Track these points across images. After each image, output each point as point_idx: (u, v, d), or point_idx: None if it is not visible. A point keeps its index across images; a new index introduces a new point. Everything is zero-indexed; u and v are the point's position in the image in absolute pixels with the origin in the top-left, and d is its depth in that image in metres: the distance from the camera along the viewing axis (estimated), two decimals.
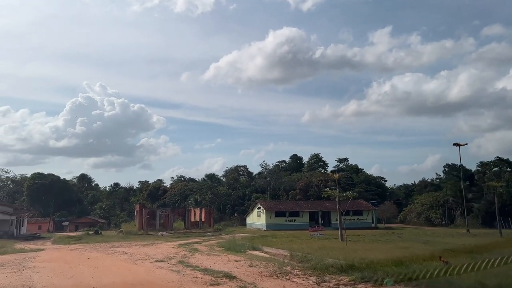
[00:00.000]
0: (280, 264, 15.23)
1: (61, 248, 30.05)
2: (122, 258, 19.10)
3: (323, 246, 21.05)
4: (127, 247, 26.97)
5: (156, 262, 16.89)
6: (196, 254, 20.45)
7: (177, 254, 20.21)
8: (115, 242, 36.26)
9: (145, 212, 54.58)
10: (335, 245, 21.97)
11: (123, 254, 21.62)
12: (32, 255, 23.65)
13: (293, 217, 58.26)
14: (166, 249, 24.59)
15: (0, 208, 51.68)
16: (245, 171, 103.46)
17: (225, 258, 18.18)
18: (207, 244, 29.08)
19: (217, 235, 46.35)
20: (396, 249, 19.82)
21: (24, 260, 20.04)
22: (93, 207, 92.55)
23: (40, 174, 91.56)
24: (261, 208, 58.45)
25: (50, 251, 27.26)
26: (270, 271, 13.67)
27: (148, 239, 40.16)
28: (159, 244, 29.59)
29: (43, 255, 23.43)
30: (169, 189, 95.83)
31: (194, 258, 18.06)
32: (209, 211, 58.44)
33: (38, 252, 26.50)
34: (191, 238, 39.40)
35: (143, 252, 22.37)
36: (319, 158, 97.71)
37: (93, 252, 23.92)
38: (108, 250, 24.60)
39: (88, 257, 20.31)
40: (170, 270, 14.25)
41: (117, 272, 14.13)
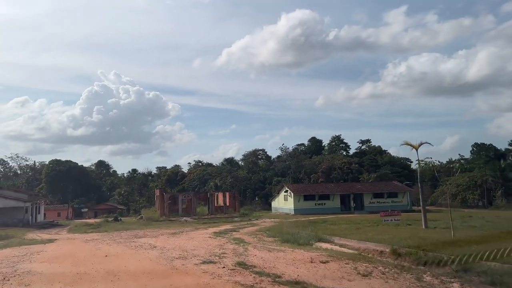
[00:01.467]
0: (387, 266, 9.53)
1: (75, 239, 24.65)
2: (151, 256, 13.43)
3: (414, 236, 15.07)
4: (153, 237, 21.36)
5: (204, 264, 11.20)
6: (248, 248, 14.73)
7: (223, 249, 14.52)
8: (137, 230, 30.82)
9: (167, 197, 49.23)
10: (428, 234, 15.94)
11: (150, 248, 15.98)
12: (38, 248, 18.25)
13: (323, 200, 52.37)
14: (202, 239, 18.94)
15: (13, 194, 46.68)
16: (264, 154, 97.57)
17: (296, 254, 12.47)
18: (247, 232, 23.39)
19: (247, 220, 40.76)
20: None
21: (22, 258, 14.61)
22: (112, 193, 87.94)
23: (58, 161, 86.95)
24: (288, 192, 52.68)
25: (62, 243, 21.82)
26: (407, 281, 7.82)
27: (173, 226, 34.70)
28: (190, 233, 24.01)
29: (51, 249, 17.96)
30: (188, 174, 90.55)
31: (253, 256, 12.33)
32: (233, 195, 52.90)
33: (47, 244, 21.10)
34: (221, 225, 33.81)
35: (176, 245, 16.71)
36: (340, 140, 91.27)
37: (113, 245, 18.35)
38: (130, 242, 19.01)
39: (105, 253, 14.72)
40: (240, 285, 8.34)
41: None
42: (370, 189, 53.73)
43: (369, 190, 53.41)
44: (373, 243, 13.26)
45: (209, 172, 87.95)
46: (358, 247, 13.56)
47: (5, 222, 43.74)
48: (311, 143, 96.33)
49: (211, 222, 38.62)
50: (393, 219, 19.27)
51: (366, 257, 11.85)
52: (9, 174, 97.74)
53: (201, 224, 36.58)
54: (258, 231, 23.31)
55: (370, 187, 54.38)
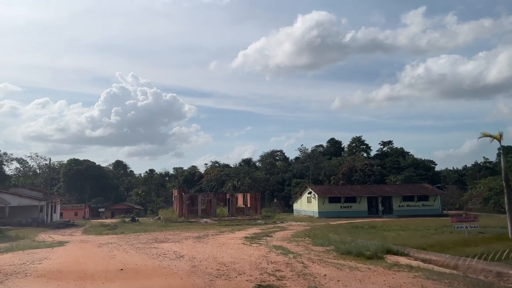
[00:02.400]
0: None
1: (88, 242, 21.41)
2: (181, 271, 9.96)
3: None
4: (176, 242, 17.96)
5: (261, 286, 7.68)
6: (305, 261, 11.14)
7: (272, 262, 10.98)
8: (156, 233, 27.51)
9: (186, 197, 45.95)
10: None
11: (177, 258, 12.53)
12: (43, 254, 15.04)
13: (349, 203, 48.38)
14: (236, 247, 15.44)
15: (28, 192, 43.97)
16: (281, 156, 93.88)
17: (381, 275, 8.85)
18: (282, 237, 19.80)
19: (271, 223, 37.15)
20: None
21: (19, 268, 11.37)
22: (129, 193, 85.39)
23: (76, 160, 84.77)
24: (312, 193, 48.86)
25: (72, 247, 18.58)
26: None
27: (194, 228, 31.32)
28: (217, 237, 20.51)
29: (58, 255, 14.70)
30: (205, 175, 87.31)
31: (323, 277, 8.76)
32: (255, 196, 49.31)
33: (55, 248, 17.91)
34: (246, 228, 30.29)
35: (207, 254, 13.24)
36: (361, 141, 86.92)
37: (130, 251, 14.99)
38: (151, 248, 15.64)
39: (121, 265, 11.34)
40: None
41: None
42: (399, 191, 49.53)
43: (398, 192, 49.22)
44: (478, 260, 9.50)
45: (226, 173, 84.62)
46: (454, 264, 9.84)
47: (20, 222, 41.04)
48: (330, 145, 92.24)
49: (234, 225, 35.14)
50: (468, 226, 15.36)
51: (484, 282, 8.17)
52: (28, 173, 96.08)
53: (224, 227, 33.14)
54: (295, 237, 19.71)
55: (399, 189, 50.19)
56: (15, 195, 41.24)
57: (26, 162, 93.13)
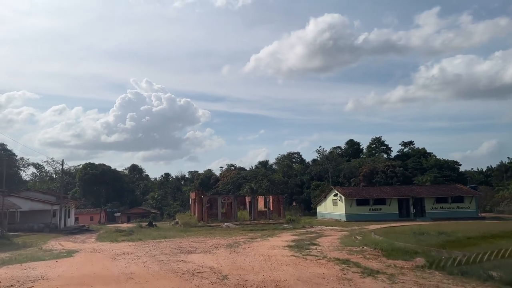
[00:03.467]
0: None
1: (101, 251, 17.79)
2: None
3: None
4: (207, 253, 14.21)
5: None
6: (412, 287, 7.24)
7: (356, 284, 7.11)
8: (177, 239, 23.85)
9: (205, 200, 42.24)
10: None
11: (218, 280, 8.81)
12: (42, 270, 11.47)
13: (378, 205, 44.15)
14: (287, 260, 11.64)
15: (40, 196, 40.82)
16: (298, 158, 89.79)
17: None
18: (331, 245, 15.92)
19: (300, 227, 33.19)
20: None
21: None
22: (145, 197, 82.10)
23: (91, 164, 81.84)
24: (338, 195, 44.78)
25: (81, 258, 14.99)
26: None
27: (218, 234, 27.60)
28: (250, 245, 16.73)
29: (59, 271, 11.11)
30: (221, 178, 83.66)
31: None
32: (277, 199, 45.36)
33: (61, 260, 14.38)
34: (277, 233, 26.45)
35: (259, 273, 9.48)
36: (381, 142, 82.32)
37: (152, 266, 11.31)
38: (178, 262, 11.93)
39: None
40: None
41: None
42: (432, 192, 45.09)
43: (431, 194, 44.79)
44: None
45: (243, 175, 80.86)
46: None
47: (31, 227, 37.79)
48: (349, 146, 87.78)
49: (259, 229, 31.29)
50: None
51: None
52: (45, 178, 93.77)
53: (249, 232, 29.33)
54: (347, 245, 15.85)
55: (432, 190, 45.74)
56: (26, 199, 38.06)
57: (43, 167, 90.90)
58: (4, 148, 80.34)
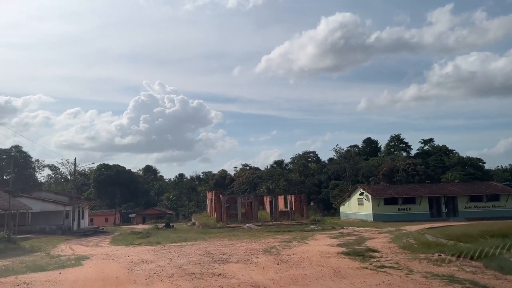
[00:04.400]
0: None
1: (115, 257, 14.84)
2: None
3: None
4: (248, 262, 11.11)
5: None
6: None
7: None
8: (201, 243, 20.81)
9: (224, 200, 39.20)
10: None
11: None
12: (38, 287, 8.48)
13: (407, 204, 40.57)
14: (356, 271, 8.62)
15: (52, 197, 38.27)
16: (314, 157, 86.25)
17: None
18: (392, 251, 12.64)
19: (330, 228, 29.90)
20: None
21: None
22: (160, 198, 79.52)
23: (106, 165, 79.65)
24: (364, 194, 41.30)
25: (91, 268, 12.02)
26: None
27: (242, 236, 24.48)
28: (292, 250, 13.61)
29: None
30: (236, 178, 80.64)
31: None
32: (300, 199, 42.10)
33: (65, 271, 11.44)
34: (311, 235, 23.18)
35: None
36: (400, 140, 78.29)
37: (182, 282, 8.38)
38: (213, 277, 8.91)
39: None
40: None
41: None
42: (465, 191, 41.30)
43: (464, 192, 41.02)
44: None
45: (258, 175, 77.76)
46: None
47: (43, 229, 35.23)
48: (366, 144, 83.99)
49: (285, 231, 28.09)
50: None
51: None
52: (60, 180, 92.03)
53: (276, 233, 26.17)
54: (413, 251, 12.53)
55: (465, 188, 41.93)
56: (38, 199, 35.52)
57: (58, 169, 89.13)
58: (20, 150, 78.67)
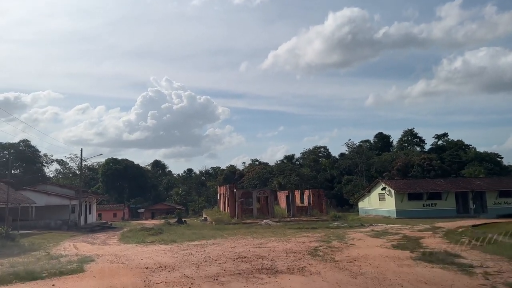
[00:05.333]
0: None
1: (126, 260, 11.87)
2: None
3: None
4: (305, 272, 8.01)
5: None
6: None
7: None
8: (221, 241, 17.83)
9: (238, 194, 36.19)
10: None
11: None
12: None
13: (432, 200, 37.36)
14: None
15: (57, 190, 35.48)
16: (325, 152, 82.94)
17: None
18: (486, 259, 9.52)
19: (358, 225, 26.78)
20: None
21: None
22: (169, 193, 76.71)
23: (114, 159, 76.91)
24: (387, 189, 38.13)
25: (97, 276, 9.07)
26: None
27: (266, 233, 21.49)
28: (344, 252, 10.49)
29: None
30: (246, 173, 77.57)
31: None
32: (318, 193, 39.01)
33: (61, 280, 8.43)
34: (345, 233, 20.09)
35: None
36: (413, 134, 74.75)
37: None
38: None
39: None
40: None
41: None
42: (494, 185, 37.99)
43: (493, 187, 37.70)
44: None
45: (269, 170, 74.68)
46: None
47: (48, 224, 32.40)
48: (378, 139, 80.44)
49: (310, 228, 25.06)
50: None
51: None
52: (68, 174, 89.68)
53: (300, 230, 23.15)
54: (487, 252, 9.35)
55: (494, 183, 38.61)
56: (42, 193, 32.72)
57: (66, 163, 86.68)
58: (28, 144, 76.28)
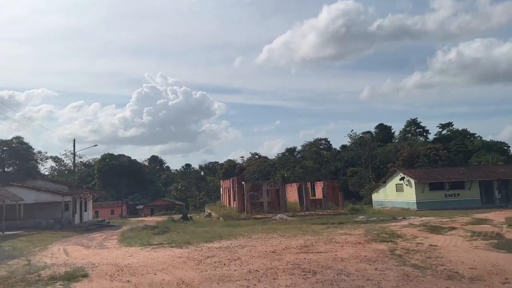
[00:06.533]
0: None
1: (132, 273, 8.08)
2: None
3: None
4: None
5: None
6: None
7: None
8: (243, 240, 14.12)
9: (247, 187, 32.46)
10: None
11: None
12: None
13: (455, 189, 34.03)
14: None
15: (49, 185, 31.37)
16: (326, 144, 79.53)
17: None
18: None
19: (389, 219, 23.25)
20: None
21: None
22: (168, 188, 72.77)
23: (111, 155, 72.70)
24: (405, 179, 34.67)
25: None
26: None
27: (289, 229, 17.83)
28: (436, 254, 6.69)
29: None
30: (246, 167, 73.82)
31: None
32: (333, 185, 35.42)
33: None
34: (390, 228, 16.49)
35: None
36: (417, 124, 71.50)
37: None
38: None
39: None
40: None
41: None
42: None
43: None
44: None
45: (270, 163, 71.07)
46: None
47: (39, 223, 28.39)
48: (379, 130, 77.18)
49: (334, 222, 21.46)
50: None
51: None
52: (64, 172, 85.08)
53: (323, 225, 19.52)
54: None
55: None
56: (31, 189, 28.66)
57: (62, 161, 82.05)
58: (21, 141, 71.57)
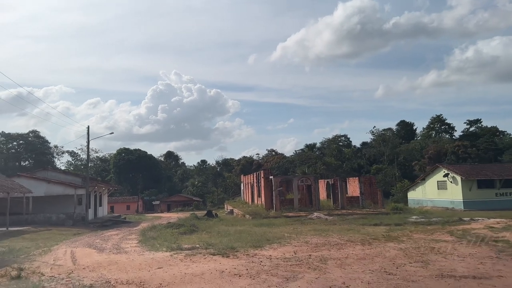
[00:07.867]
0: None
1: None
2: None
3: None
4: None
5: None
6: None
7: None
8: (299, 244, 10.11)
9: (276, 182, 28.48)
10: None
11: None
12: None
13: (508, 188, 29.56)
14: None
15: (61, 177, 27.89)
16: (346, 141, 75.21)
17: None
18: None
19: (456, 220, 19.01)
20: None
21: None
22: (184, 184, 69.28)
23: (127, 149, 69.53)
24: (450, 176, 30.25)
25: None
26: None
27: (338, 230, 13.83)
28: None
29: None
30: (264, 163, 69.95)
31: None
32: (370, 182, 31.18)
33: None
34: (473, 231, 12.33)
35: None
36: (442, 121, 66.62)
37: None
38: None
39: None
40: None
41: None
42: None
43: None
44: None
45: (289, 160, 67.10)
46: None
47: (49, 219, 24.89)
48: (401, 127, 72.48)
49: (385, 224, 17.41)
50: None
51: None
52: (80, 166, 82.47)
53: (376, 227, 15.55)
54: None
55: None
56: (41, 180, 25.19)
57: (78, 155, 79.45)
58: (37, 135, 69.06)
